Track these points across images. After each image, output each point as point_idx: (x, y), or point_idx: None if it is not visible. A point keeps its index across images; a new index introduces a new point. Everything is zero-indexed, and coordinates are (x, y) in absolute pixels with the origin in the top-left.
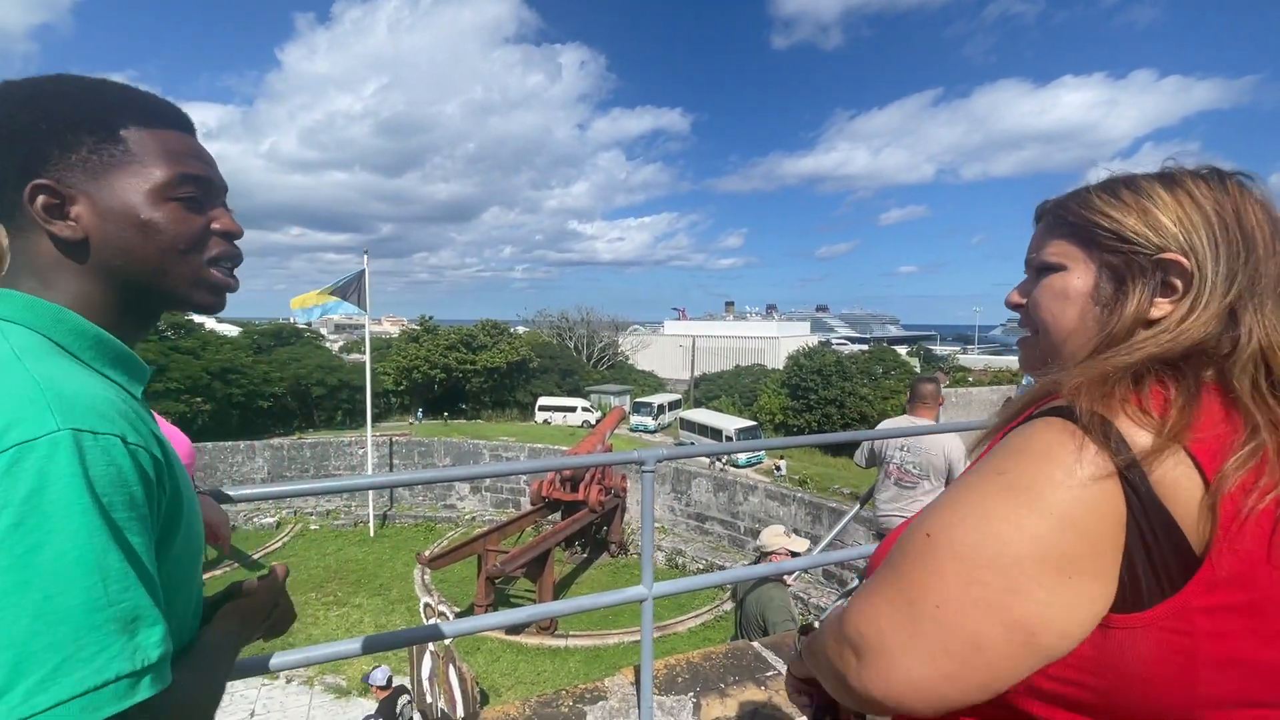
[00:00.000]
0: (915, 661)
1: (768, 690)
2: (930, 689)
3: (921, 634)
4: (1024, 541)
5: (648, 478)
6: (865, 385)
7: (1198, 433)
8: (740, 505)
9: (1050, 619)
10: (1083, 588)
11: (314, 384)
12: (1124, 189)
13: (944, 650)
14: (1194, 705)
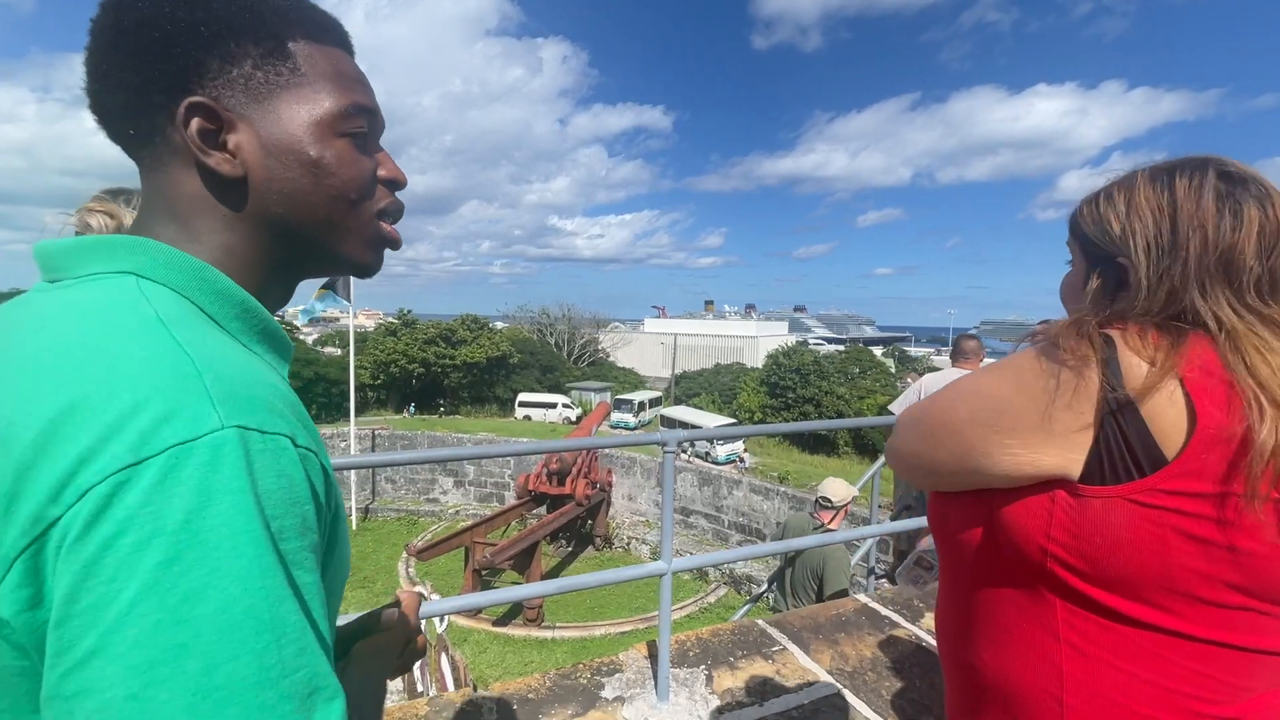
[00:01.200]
0: (903, 438)
1: (774, 663)
2: (902, 454)
3: (913, 422)
4: (996, 395)
5: (668, 458)
6: (842, 384)
7: (1190, 369)
8: (725, 499)
9: (987, 450)
10: (1028, 444)
11: (290, 376)
12: (1101, 197)
13: (917, 434)
14: (1173, 572)
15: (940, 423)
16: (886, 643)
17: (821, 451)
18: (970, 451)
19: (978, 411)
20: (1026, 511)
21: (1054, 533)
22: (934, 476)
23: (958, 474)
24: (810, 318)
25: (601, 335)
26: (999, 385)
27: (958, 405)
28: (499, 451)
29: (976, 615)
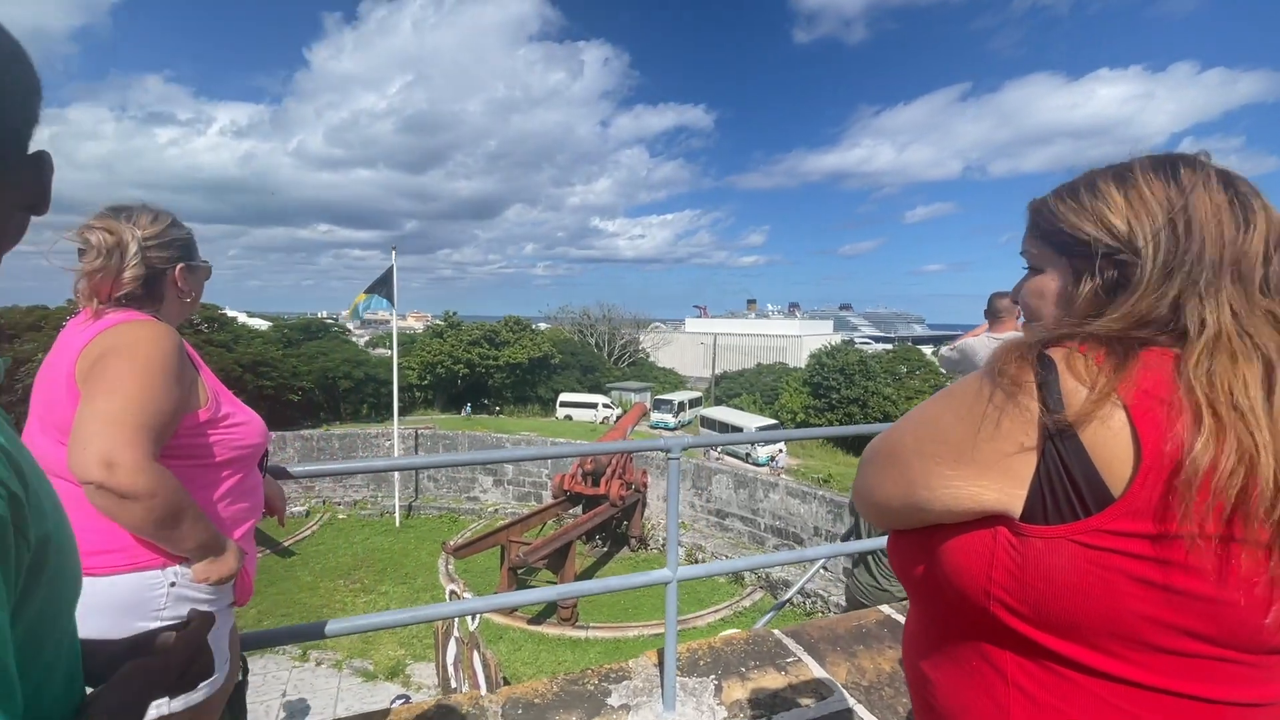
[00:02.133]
0: (860, 473)
1: (787, 675)
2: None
3: (869, 455)
4: (937, 422)
5: (673, 464)
6: (889, 385)
7: (1136, 393)
8: (760, 502)
9: (928, 482)
10: (965, 476)
11: (341, 377)
12: (1083, 192)
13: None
14: (1124, 617)
15: (888, 454)
16: None
17: None
18: (913, 484)
19: (922, 441)
20: (967, 550)
21: (995, 574)
22: (884, 515)
23: (903, 510)
24: (856, 316)
25: (642, 335)
26: (941, 412)
27: (904, 435)
28: (508, 456)
29: (930, 642)
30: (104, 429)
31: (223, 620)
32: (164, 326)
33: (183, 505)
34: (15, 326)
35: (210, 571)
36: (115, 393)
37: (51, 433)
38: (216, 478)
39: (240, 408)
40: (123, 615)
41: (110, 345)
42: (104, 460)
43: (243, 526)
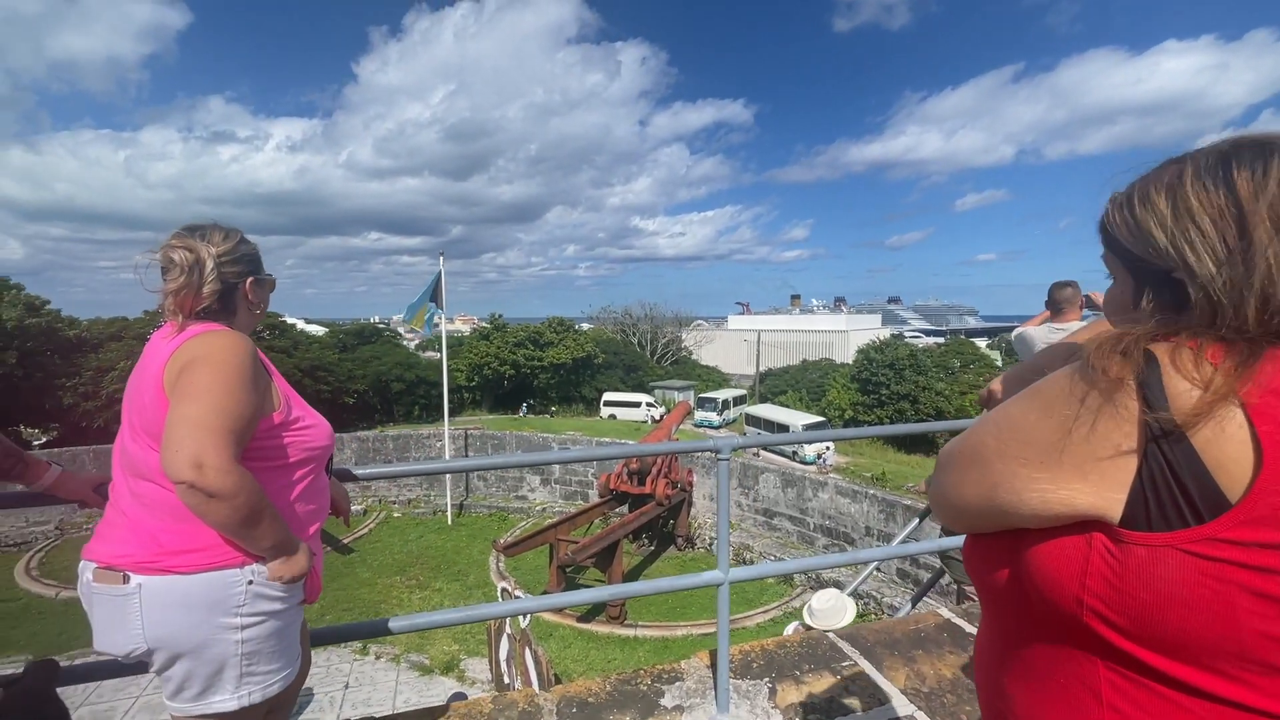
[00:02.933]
0: (937, 477)
1: (843, 680)
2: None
3: (946, 458)
4: (1022, 423)
5: (723, 465)
6: (941, 379)
7: (1259, 392)
8: (809, 501)
9: (1013, 486)
10: (1057, 480)
11: (393, 380)
12: (1136, 202)
13: (947, 471)
14: (1243, 636)
15: (969, 456)
16: (971, 663)
17: (920, 450)
18: (996, 488)
19: (1005, 442)
20: (1058, 556)
21: (1089, 582)
22: (963, 517)
23: (985, 514)
24: (906, 309)
25: (684, 334)
26: (1025, 411)
27: (985, 436)
28: (559, 458)
29: (1011, 655)
30: (192, 433)
31: (294, 617)
32: (240, 335)
33: (262, 505)
34: (98, 337)
35: (283, 570)
36: (200, 399)
37: (143, 438)
38: (289, 479)
39: (309, 411)
40: (205, 611)
41: (194, 355)
42: (194, 462)
43: (312, 527)
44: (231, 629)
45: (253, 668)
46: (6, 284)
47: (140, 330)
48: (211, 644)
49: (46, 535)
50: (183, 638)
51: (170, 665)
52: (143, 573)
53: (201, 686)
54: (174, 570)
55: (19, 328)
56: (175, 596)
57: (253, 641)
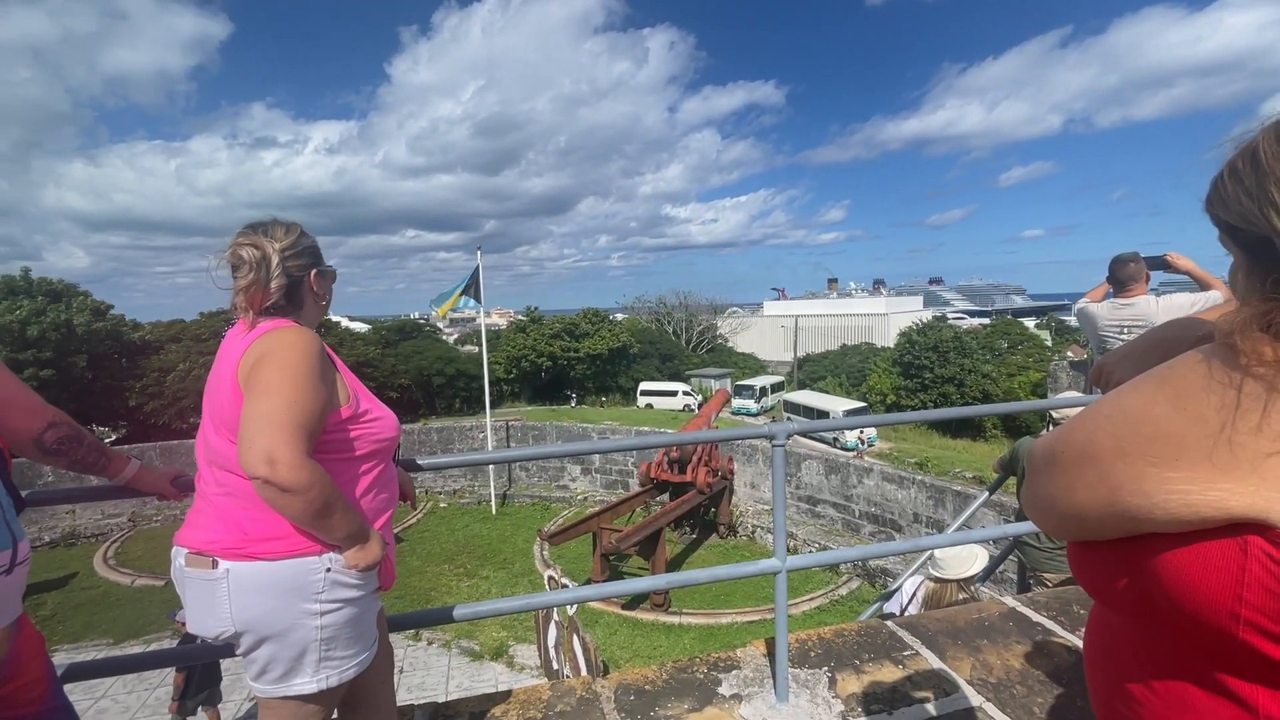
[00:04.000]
0: (1035, 479)
1: (905, 669)
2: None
3: (1046, 458)
4: (1149, 417)
5: (778, 451)
6: (988, 361)
7: None
8: (854, 488)
9: (1142, 489)
10: (1200, 479)
11: (434, 374)
12: (1228, 173)
13: (1050, 473)
14: None
15: (1078, 456)
16: (1039, 652)
17: (965, 435)
18: (1119, 491)
19: (1126, 439)
20: (1203, 563)
21: (1247, 594)
22: (1078, 524)
23: (1105, 521)
24: (948, 290)
25: (719, 321)
26: (1151, 404)
27: (1099, 433)
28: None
29: (1140, 662)
30: (265, 429)
31: (370, 604)
32: (307, 331)
33: (334, 498)
34: (159, 339)
35: (358, 559)
36: (272, 395)
37: (223, 431)
38: (359, 471)
39: (376, 404)
40: (288, 596)
41: (264, 351)
42: (267, 457)
43: (383, 516)
44: (312, 614)
45: (331, 652)
46: (75, 291)
47: (197, 332)
48: (294, 628)
49: (120, 527)
50: (267, 622)
51: (256, 648)
52: (230, 558)
53: (284, 669)
54: (259, 556)
55: (88, 332)
56: (260, 581)
57: (331, 627)
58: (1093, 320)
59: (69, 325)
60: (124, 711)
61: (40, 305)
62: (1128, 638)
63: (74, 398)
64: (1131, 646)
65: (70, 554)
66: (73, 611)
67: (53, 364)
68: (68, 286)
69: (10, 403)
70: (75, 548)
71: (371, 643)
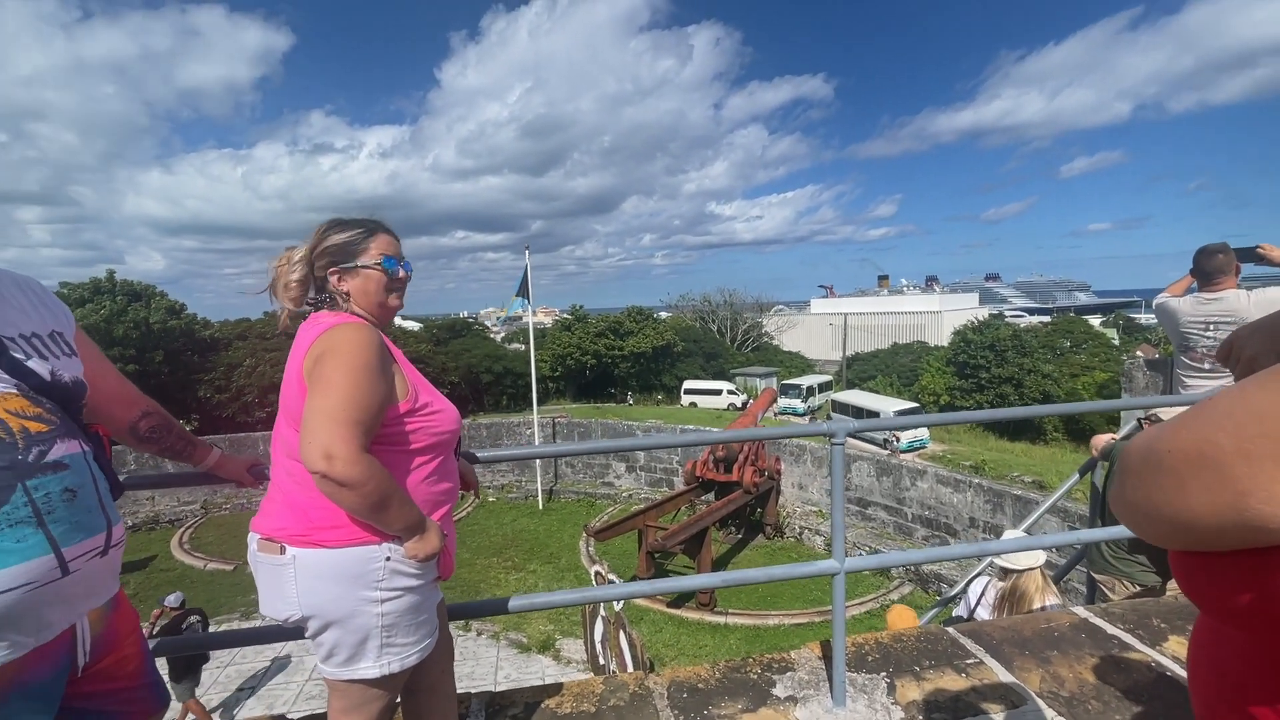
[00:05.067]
0: (1133, 482)
1: (969, 678)
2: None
3: (1146, 460)
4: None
5: (837, 450)
6: (1049, 361)
7: None
8: (907, 491)
9: (1273, 494)
10: None
11: (483, 371)
12: None
13: (1154, 476)
14: None
15: (1192, 457)
16: (1114, 666)
17: (1025, 438)
18: (1246, 498)
19: (1251, 440)
20: None
21: None
22: (1186, 533)
23: (1225, 529)
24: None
25: (765, 319)
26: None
27: (1218, 432)
28: (668, 442)
29: (1260, 692)
30: (323, 424)
31: (431, 594)
32: (365, 328)
33: (390, 491)
34: (227, 336)
35: (417, 549)
36: (330, 391)
37: (292, 423)
38: (418, 463)
39: (437, 397)
40: (350, 583)
41: (325, 347)
42: (325, 453)
43: (443, 508)
44: (373, 602)
45: (392, 639)
46: (153, 291)
47: (262, 330)
48: (356, 615)
49: (194, 514)
50: (331, 607)
51: (322, 632)
52: (296, 545)
53: (348, 654)
54: (322, 544)
55: (163, 330)
56: (324, 568)
57: (392, 614)
58: (1174, 316)
59: (147, 323)
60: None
61: (122, 305)
62: (1248, 656)
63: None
64: (1253, 665)
65: (150, 538)
66: (152, 591)
67: (134, 359)
68: (146, 287)
69: (112, 394)
70: (155, 531)
71: (432, 630)
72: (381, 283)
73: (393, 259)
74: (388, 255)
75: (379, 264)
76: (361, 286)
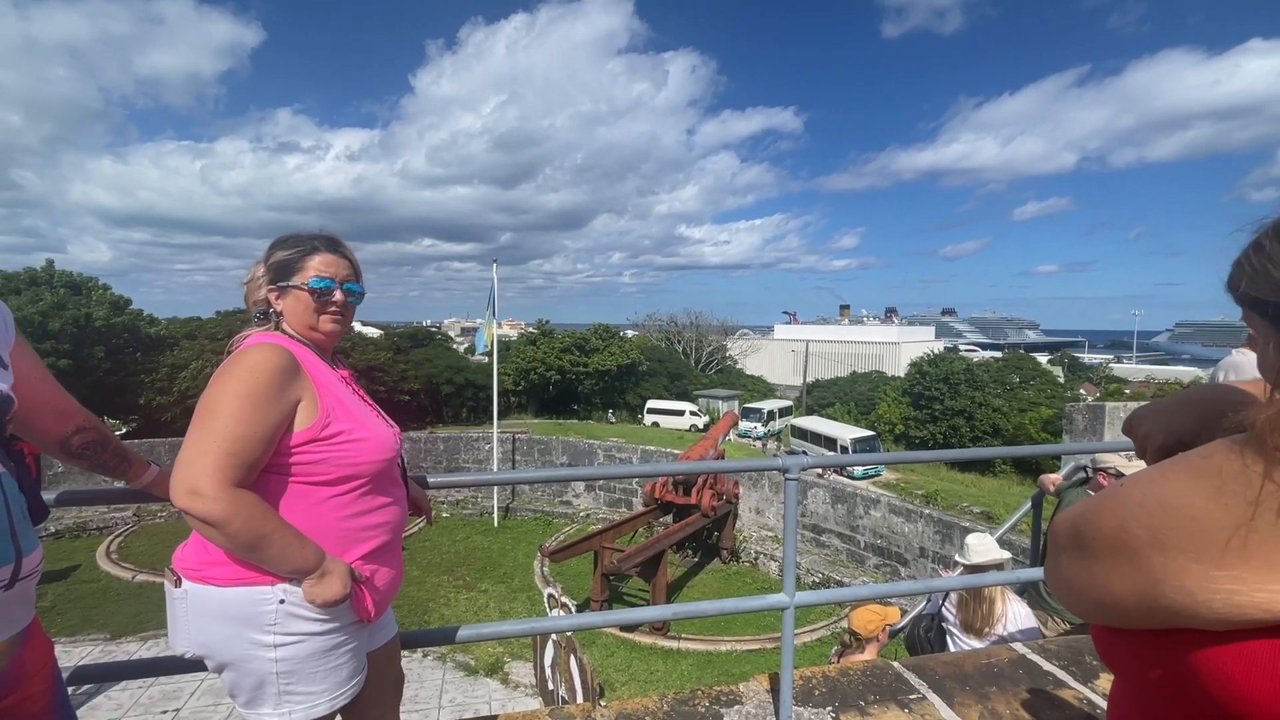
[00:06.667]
0: (1064, 560)
1: (912, 713)
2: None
3: (1074, 540)
4: (1186, 510)
5: (791, 485)
6: (999, 396)
7: None
8: (861, 519)
9: (1183, 585)
10: (1247, 578)
11: (444, 382)
12: (1253, 250)
13: (1081, 557)
14: None
15: (1112, 545)
16: (1048, 703)
17: (974, 470)
18: (1160, 585)
19: (1163, 531)
20: (1247, 665)
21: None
22: (1110, 612)
23: (1142, 612)
24: (961, 321)
25: (729, 343)
26: (1189, 495)
27: (1132, 523)
28: (621, 473)
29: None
30: (189, 456)
31: (342, 639)
32: (273, 349)
33: (265, 530)
34: (174, 335)
35: (316, 594)
36: (204, 420)
37: None
38: (327, 495)
39: (361, 423)
40: (239, 625)
41: (221, 370)
42: (189, 488)
43: (368, 544)
44: (264, 646)
45: (292, 687)
46: (94, 284)
47: (212, 330)
48: (248, 659)
49: (125, 521)
50: (220, 649)
51: (219, 670)
52: (190, 579)
53: (247, 697)
54: (212, 580)
55: (106, 326)
56: (211, 606)
57: (289, 661)
58: (1246, 376)
59: (88, 319)
60: (116, 708)
61: (61, 298)
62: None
63: (88, 389)
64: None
65: (75, 545)
66: (72, 605)
67: (70, 355)
68: (87, 280)
69: (45, 405)
70: (80, 539)
71: (353, 675)
72: (309, 305)
73: (327, 279)
74: (321, 275)
75: (307, 285)
76: (292, 307)
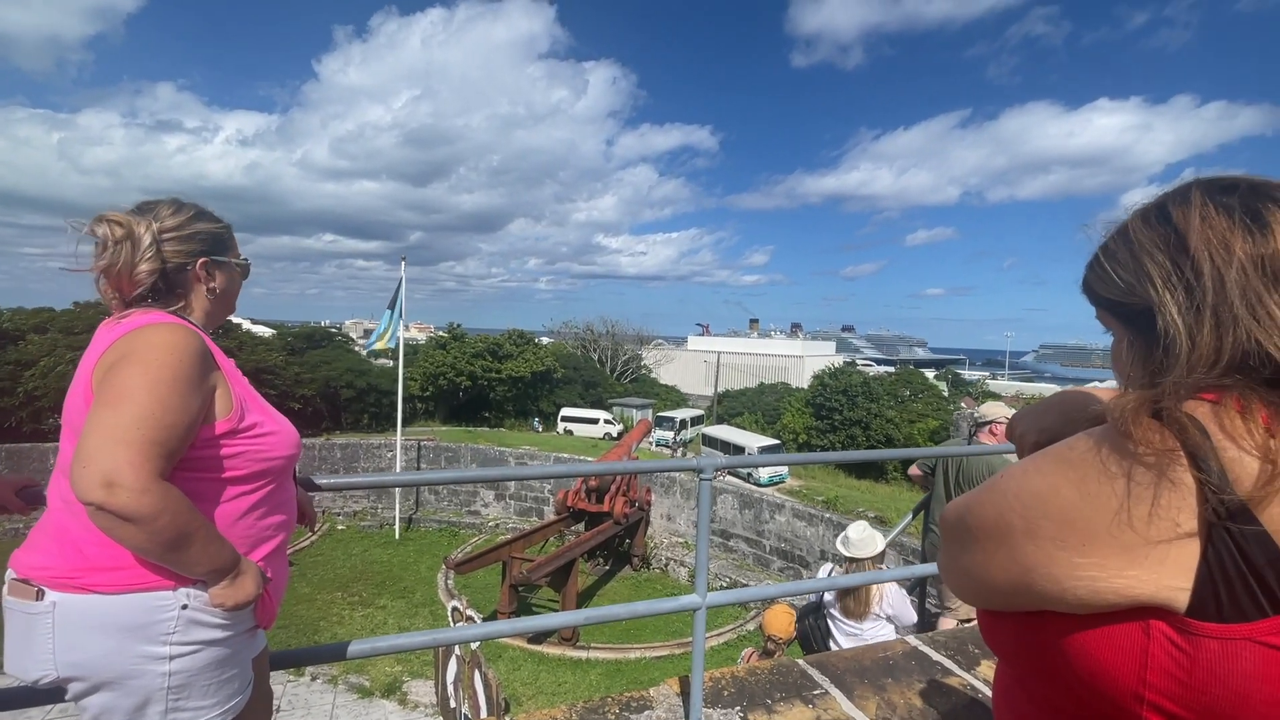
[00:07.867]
0: (950, 551)
1: (815, 709)
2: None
3: (956, 531)
4: (1055, 502)
5: (705, 485)
6: (892, 408)
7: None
8: (766, 524)
9: (1052, 573)
10: (1107, 566)
11: (343, 386)
12: (1103, 254)
13: (963, 547)
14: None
15: (990, 533)
16: (937, 691)
17: (869, 476)
18: (1031, 572)
19: (1035, 522)
20: (1108, 645)
21: (1150, 676)
22: (991, 600)
23: (1018, 598)
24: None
25: (644, 352)
26: (1056, 488)
27: (1008, 513)
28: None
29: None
30: (105, 444)
31: (242, 646)
32: (185, 329)
33: (191, 527)
34: (20, 328)
35: (226, 596)
36: (123, 404)
37: (74, 438)
38: (237, 492)
39: (270, 416)
40: (127, 636)
41: (126, 350)
42: (105, 480)
43: (270, 543)
44: (158, 659)
45: (181, 703)
46: None
47: (67, 323)
48: (134, 674)
49: None
50: (100, 666)
51: (87, 695)
52: (60, 589)
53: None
54: (94, 588)
55: None
56: (94, 618)
57: (183, 674)
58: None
59: None
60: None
61: None
62: (1035, 700)
63: None
64: (1039, 710)
65: None
66: None
67: None
68: None
69: None
70: None
71: (243, 687)
72: (239, 283)
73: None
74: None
75: (245, 261)
76: (224, 284)
